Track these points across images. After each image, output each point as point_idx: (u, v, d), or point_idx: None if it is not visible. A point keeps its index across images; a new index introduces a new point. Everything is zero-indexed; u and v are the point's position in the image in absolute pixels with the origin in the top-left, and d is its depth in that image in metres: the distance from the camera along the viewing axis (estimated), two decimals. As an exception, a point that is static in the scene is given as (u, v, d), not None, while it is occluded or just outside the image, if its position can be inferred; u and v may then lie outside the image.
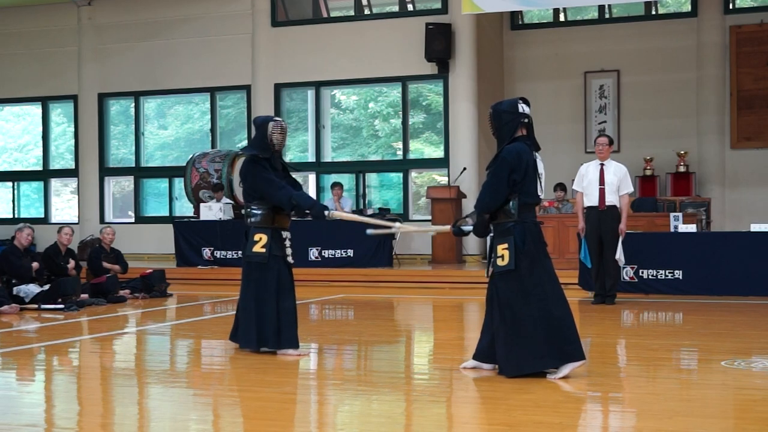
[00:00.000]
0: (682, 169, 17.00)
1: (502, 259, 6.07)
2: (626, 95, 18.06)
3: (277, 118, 7.32)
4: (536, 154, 6.27)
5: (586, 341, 8.28)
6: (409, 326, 10.18)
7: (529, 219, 6.17)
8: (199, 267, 15.45)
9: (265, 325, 7.09)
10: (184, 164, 17.79)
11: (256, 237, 7.14)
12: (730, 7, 17.61)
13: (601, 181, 10.81)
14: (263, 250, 7.10)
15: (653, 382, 6.25)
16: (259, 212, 7.18)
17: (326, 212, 7.15)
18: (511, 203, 6.12)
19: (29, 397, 6.11)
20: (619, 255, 10.73)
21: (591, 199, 10.88)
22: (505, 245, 6.06)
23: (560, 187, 15.15)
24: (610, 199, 10.80)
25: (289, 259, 7.24)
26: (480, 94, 16.95)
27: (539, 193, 6.33)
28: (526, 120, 6.23)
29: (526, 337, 6.01)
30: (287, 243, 7.23)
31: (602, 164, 10.90)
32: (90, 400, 6.05)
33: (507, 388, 5.77)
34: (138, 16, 19.61)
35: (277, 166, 7.28)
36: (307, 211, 7.09)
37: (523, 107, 6.22)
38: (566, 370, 6.05)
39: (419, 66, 17.38)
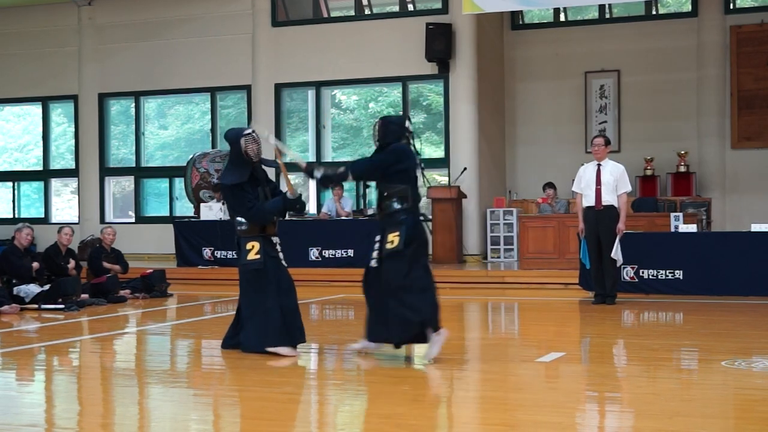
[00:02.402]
0: (682, 169, 16.99)
1: (392, 244, 6.75)
2: (626, 95, 18.04)
3: (247, 131, 7.26)
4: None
5: (585, 341, 8.30)
6: (409, 326, 10.15)
7: (417, 212, 6.91)
8: (200, 267, 15.45)
9: (272, 325, 7.12)
10: (185, 164, 17.80)
11: (248, 246, 7.22)
12: (731, 7, 17.60)
13: (598, 181, 10.81)
14: (258, 256, 7.19)
15: (653, 382, 6.25)
16: (245, 220, 7.24)
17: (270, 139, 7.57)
18: (401, 197, 6.78)
19: (29, 397, 6.11)
20: (615, 253, 10.71)
21: (589, 200, 10.89)
22: (397, 233, 6.74)
23: (549, 185, 15.19)
24: (607, 199, 10.79)
25: (283, 262, 7.33)
26: (480, 94, 16.95)
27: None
28: (409, 135, 6.97)
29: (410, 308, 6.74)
30: (278, 248, 7.33)
31: (599, 164, 10.91)
32: (90, 400, 6.06)
33: (507, 387, 5.77)
34: (138, 16, 19.61)
35: (260, 176, 7.34)
36: (293, 205, 7.31)
37: (409, 125, 7.01)
38: (436, 347, 6.69)
39: (419, 66, 17.38)
